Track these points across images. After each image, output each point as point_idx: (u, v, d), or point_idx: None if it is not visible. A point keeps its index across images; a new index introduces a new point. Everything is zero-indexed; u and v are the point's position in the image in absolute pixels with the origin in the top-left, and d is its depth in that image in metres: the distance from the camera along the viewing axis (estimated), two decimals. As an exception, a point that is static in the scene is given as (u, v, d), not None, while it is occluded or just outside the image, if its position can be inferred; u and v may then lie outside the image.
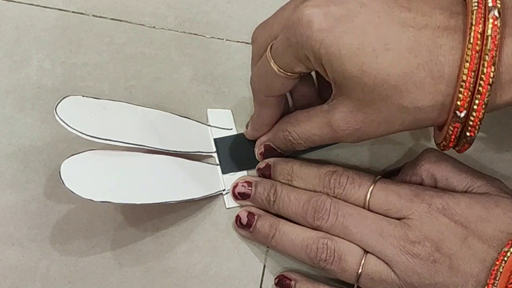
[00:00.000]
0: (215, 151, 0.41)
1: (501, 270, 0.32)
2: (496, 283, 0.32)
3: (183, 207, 0.39)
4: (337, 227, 0.36)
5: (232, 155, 0.41)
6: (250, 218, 0.38)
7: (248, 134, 0.40)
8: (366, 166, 0.42)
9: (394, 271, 0.34)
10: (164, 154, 0.39)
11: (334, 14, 0.31)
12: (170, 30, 0.44)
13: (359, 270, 0.35)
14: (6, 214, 0.39)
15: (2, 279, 0.37)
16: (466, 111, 0.31)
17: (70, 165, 0.35)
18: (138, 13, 0.45)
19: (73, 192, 0.34)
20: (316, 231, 0.36)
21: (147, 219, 0.39)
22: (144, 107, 0.40)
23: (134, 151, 0.38)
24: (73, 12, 0.44)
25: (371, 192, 0.36)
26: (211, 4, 0.45)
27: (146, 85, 0.43)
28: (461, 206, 0.35)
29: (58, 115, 0.35)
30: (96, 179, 0.35)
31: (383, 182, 0.37)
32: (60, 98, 0.37)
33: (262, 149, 0.39)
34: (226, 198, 0.40)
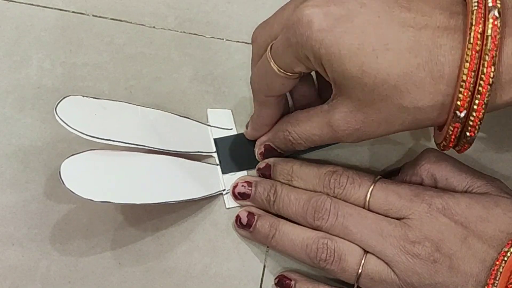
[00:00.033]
0: (215, 151, 0.41)
1: (501, 270, 0.32)
2: (496, 283, 0.32)
3: (183, 207, 0.39)
4: (337, 227, 0.36)
5: (232, 155, 0.41)
6: (250, 218, 0.38)
7: (248, 134, 0.40)
8: (366, 166, 0.42)
9: (394, 271, 0.34)
10: (164, 154, 0.39)
11: (334, 14, 0.31)
12: (170, 30, 0.44)
13: (359, 270, 0.35)
14: (6, 214, 0.39)
15: (2, 279, 0.37)
16: (466, 111, 0.31)
17: (70, 165, 0.35)
18: (138, 13, 0.45)
19: (73, 192, 0.34)
20: (316, 231, 0.36)
21: (147, 219, 0.39)
22: (144, 107, 0.40)
23: (134, 151, 0.38)
24: (73, 12, 0.44)
25: (371, 192, 0.36)
26: (211, 4, 0.45)
27: (146, 85, 0.43)
28: (461, 206, 0.34)
29: (58, 115, 0.35)
30: (96, 179, 0.35)
31: (383, 182, 0.37)
32: (60, 98, 0.37)
33: (262, 149, 0.39)
34: (226, 198, 0.40)
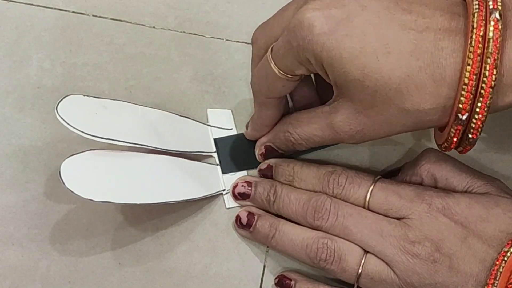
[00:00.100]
0: (215, 151, 0.41)
1: (501, 270, 0.32)
2: (496, 283, 0.32)
3: (183, 207, 0.39)
4: (337, 227, 0.36)
5: (232, 155, 0.41)
6: (250, 218, 0.38)
7: (248, 134, 0.40)
8: (366, 166, 0.42)
9: (394, 271, 0.34)
10: (164, 154, 0.39)
11: (335, 17, 0.31)
12: (170, 30, 0.44)
13: (359, 270, 0.35)
14: (6, 214, 0.39)
15: (2, 279, 0.37)
16: (468, 114, 0.31)
17: (70, 165, 0.35)
18: (138, 13, 0.45)
19: (73, 192, 0.34)
20: (316, 231, 0.36)
21: (147, 219, 0.39)
22: (144, 107, 0.40)
23: (134, 151, 0.38)
24: (73, 12, 0.44)
25: (371, 192, 0.36)
26: (211, 4, 0.45)
27: (146, 85, 0.43)
28: (461, 206, 0.35)
29: (59, 114, 0.35)
30: (96, 179, 0.35)
31: (383, 182, 0.37)
32: (60, 98, 0.37)
33: (263, 149, 0.39)
34: (226, 198, 0.40)
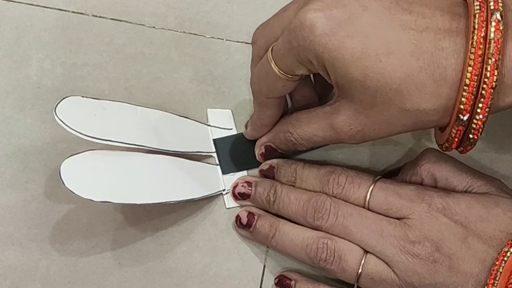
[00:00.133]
0: (215, 151, 0.41)
1: (501, 270, 0.32)
2: (496, 283, 0.32)
3: (183, 207, 0.39)
4: (337, 227, 0.36)
5: (232, 155, 0.41)
6: (250, 218, 0.38)
7: (248, 134, 0.40)
8: (366, 166, 0.42)
9: (394, 271, 0.34)
10: (164, 154, 0.39)
11: (336, 18, 0.31)
12: (170, 30, 0.44)
13: (359, 270, 0.35)
14: (6, 214, 0.39)
15: (2, 279, 0.37)
16: (469, 114, 0.31)
17: (70, 165, 0.35)
18: (138, 13, 0.45)
19: (73, 192, 0.34)
20: (316, 231, 0.36)
21: (147, 219, 0.39)
22: (143, 107, 0.40)
23: (134, 151, 0.38)
24: (73, 12, 0.44)
25: (371, 192, 0.36)
26: (211, 4, 0.45)
27: (146, 85, 0.43)
28: (461, 206, 0.35)
29: (57, 116, 0.35)
30: (96, 179, 0.35)
31: (383, 182, 0.37)
32: (59, 98, 0.37)
33: (263, 149, 0.39)
34: (226, 198, 0.40)
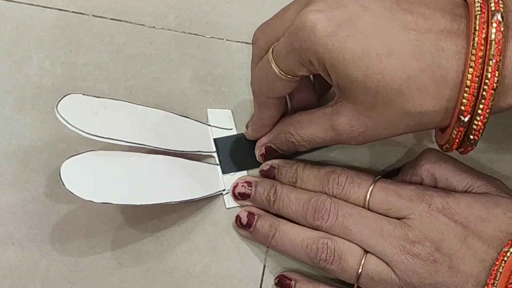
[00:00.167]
0: (215, 151, 0.41)
1: (500, 270, 0.32)
2: (496, 283, 0.32)
3: (183, 207, 0.39)
4: (337, 227, 0.36)
5: (232, 155, 0.41)
6: (250, 218, 0.38)
7: (248, 134, 0.40)
8: (366, 166, 0.42)
9: (394, 271, 0.34)
10: (164, 154, 0.39)
11: (337, 19, 0.31)
12: (170, 30, 0.44)
13: (359, 270, 0.35)
14: (6, 214, 0.39)
15: (2, 279, 0.37)
16: (470, 116, 0.31)
17: (70, 166, 0.34)
18: (138, 13, 0.45)
19: (73, 193, 0.34)
20: (316, 231, 0.36)
21: (147, 219, 0.39)
22: (144, 106, 0.40)
23: (134, 152, 0.38)
24: (73, 12, 0.44)
25: (371, 192, 0.36)
26: (211, 4, 0.45)
27: (146, 85, 0.43)
28: (461, 206, 0.35)
29: (59, 113, 0.35)
30: (96, 180, 0.35)
31: (383, 182, 0.37)
32: (60, 98, 0.36)
33: (263, 150, 0.39)
34: (226, 198, 0.40)
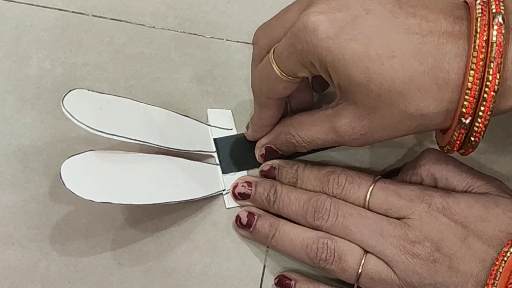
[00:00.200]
0: (215, 151, 0.41)
1: (500, 270, 0.32)
2: (496, 283, 0.32)
3: (183, 207, 0.39)
4: (337, 227, 0.36)
5: (232, 155, 0.41)
6: (250, 218, 0.38)
7: (248, 135, 0.40)
8: (366, 166, 0.42)
9: (394, 271, 0.34)
10: (164, 153, 0.39)
11: (339, 21, 0.31)
12: (170, 30, 0.44)
13: (359, 270, 0.35)
14: (6, 214, 0.39)
15: (2, 279, 0.37)
16: (471, 118, 0.31)
17: (70, 165, 0.34)
18: (138, 13, 0.45)
19: (73, 193, 0.34)
20: (316, 231, 0.36)
21: (147, 219, 0.39)
22: (146, 104, 0.40)
23: (134, 151, 0.38)
24: (73, 12, 0.44)
25: (371, 192, 0.36)
26: (211, 4, 0.45)
27: (146, 85, 0.43)
28: (461, 206, 0.35)
29: (64, 108, 0.35)
30: (96, 180, 0.35)
31: (383, 182, 0.37)
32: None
33: (263, 151, 0.39)
34: (226, 198, 0.40)
